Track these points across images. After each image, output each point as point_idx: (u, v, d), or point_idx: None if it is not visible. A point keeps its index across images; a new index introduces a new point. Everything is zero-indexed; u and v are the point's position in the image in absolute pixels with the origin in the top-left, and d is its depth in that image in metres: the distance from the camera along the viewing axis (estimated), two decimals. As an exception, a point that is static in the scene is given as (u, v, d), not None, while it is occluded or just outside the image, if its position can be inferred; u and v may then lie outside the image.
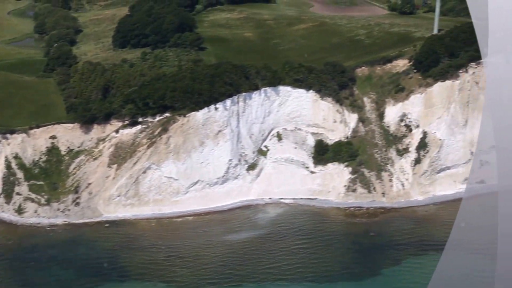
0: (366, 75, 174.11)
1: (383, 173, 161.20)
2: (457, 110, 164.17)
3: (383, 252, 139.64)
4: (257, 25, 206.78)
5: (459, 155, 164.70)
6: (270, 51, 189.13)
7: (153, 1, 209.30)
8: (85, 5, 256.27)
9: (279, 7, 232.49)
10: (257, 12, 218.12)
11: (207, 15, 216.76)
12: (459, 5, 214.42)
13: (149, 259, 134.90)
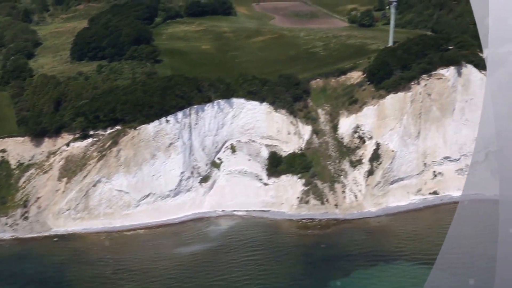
0: (321, 87, 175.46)
1: (336, 184, 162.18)
2: (410, 122, 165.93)
3: (333, 264, 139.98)
4: (216, 38, 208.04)
5: (412, 166, 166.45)
6: (227, 63, 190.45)
7: (112, 14, 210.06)
8: (47, 18, 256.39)
9: (239, 19, 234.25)
10: (216, 25, 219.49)
11: (166, 28, 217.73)
12: (416, 18, 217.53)
13: (97, 273, 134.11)
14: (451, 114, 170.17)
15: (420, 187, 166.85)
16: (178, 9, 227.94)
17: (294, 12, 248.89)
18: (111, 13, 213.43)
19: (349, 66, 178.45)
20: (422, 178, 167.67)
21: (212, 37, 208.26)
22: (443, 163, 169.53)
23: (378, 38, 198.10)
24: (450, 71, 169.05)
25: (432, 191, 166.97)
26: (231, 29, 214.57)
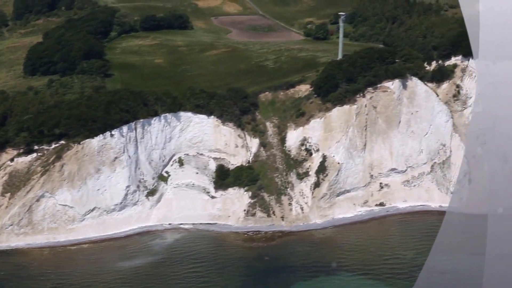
0: (270, 100, 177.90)
1: (283, 197, 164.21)
2: (355, 134, 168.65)
3: (275, 276, 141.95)
4: (169, 52, 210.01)
5: (358, 178, 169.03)
6: (179, 77, 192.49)
7: (66, 29, 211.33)
8: (5, 33, 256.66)
9: (196, 33, 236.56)
10: (171, 39, 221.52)
11: (120, 42, 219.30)
12: (369, 31, 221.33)
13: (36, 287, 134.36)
14: (397, 126, 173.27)
15: (367, 199, 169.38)
16: (133, 24, 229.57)
17: (252, 26, 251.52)
18: (65, 28, 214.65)
19: (298, 79, 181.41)
20: (368, 190, 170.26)
21: (166, 51, 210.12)
22: (389, 175, 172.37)
23: (330, 51, 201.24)
24: (395, 84, 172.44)
25: (379, 202, 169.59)
26: (186, 43, 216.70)
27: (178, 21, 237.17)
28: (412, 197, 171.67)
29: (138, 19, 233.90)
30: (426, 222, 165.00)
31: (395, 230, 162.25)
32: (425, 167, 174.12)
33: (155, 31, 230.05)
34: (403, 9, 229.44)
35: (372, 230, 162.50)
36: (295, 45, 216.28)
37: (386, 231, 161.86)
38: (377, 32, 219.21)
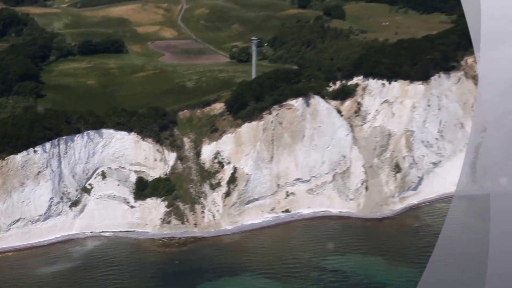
0: (188, 117, 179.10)
1: (197, 205, 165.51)
2: (263, 148, 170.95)
3: (182, 278, 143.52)
4: (102, 74, 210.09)
5: (265, 187, 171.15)
6: (108, 97, 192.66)
7: (7, 53, 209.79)
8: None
9: (130, 57, 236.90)
10: (105, 62, 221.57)
11: (57, 65, 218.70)
12: (286, 54, 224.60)
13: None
14: (301, 140, 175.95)
15: (274, 206, 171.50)
16: (71, 48, 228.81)
17: (184, 50, 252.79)
18: (6, 52, 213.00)
19: (214, 98, 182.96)
20: (275, 198, 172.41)
21: (99, 73, 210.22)
22: (295, 184, 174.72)
23: (248, 72, 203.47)
24: (299, 102, 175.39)
25: (285, 209, 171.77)
26: (118, 66, 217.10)
27: (113, 46, 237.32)
28: (315, 204, 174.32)
29: (76, 44, 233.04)
30: (326, 226, 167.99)
31: (297, 234, 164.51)
32: (327, 177, 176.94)
33: (92, 55, 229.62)
34: (317, 34, 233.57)
35: (277, 234, 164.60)
36: (218, 67, 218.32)
37: (289, 235, 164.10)
38: (292, 55, 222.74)
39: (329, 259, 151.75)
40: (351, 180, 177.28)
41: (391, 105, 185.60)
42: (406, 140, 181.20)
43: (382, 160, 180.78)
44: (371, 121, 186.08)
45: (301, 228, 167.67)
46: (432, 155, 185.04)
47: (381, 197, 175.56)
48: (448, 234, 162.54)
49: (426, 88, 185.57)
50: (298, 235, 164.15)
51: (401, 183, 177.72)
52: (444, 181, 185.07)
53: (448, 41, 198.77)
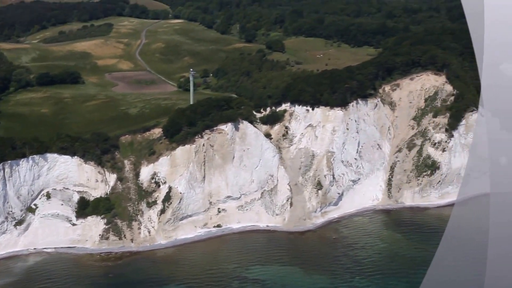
0: (129, 141, 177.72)
1: (134, 222, 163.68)
2: (195, 169, 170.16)
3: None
4: (55, 103, 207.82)
5: (198, 205, 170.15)
6: (59, 124, 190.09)
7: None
8: None
9: (86, 87, 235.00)
10: (60, 92, 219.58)
11: (15, 96, 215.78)
12: (226, 83, 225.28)
13: None
14: (231, 161, 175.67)
15: (206, 222, 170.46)
16: (30, 80, 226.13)
17: (137, 80, 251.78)
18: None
19: (153, 123, 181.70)
20: (208, 214, 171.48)
21: (53, 102, 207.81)
22: (226, 201, 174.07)
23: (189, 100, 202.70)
24: (229, 127, 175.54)
25: (216, 224, 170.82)
26: (72, 95, 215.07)
27: (70, 77, 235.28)
28: (244, 219, 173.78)
29: (35, 75, 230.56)
30: (253, 239, 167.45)
31: (225, 247, 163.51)
32: (256, 194, 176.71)
33: (50, 86, 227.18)
34: (255, 65, 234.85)
35: (207, 247, 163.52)
36: (164, 95, 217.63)
37: (218, 248, 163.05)
38: (232, 84, 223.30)
39: (251, 269, 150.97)
40: (277, 197, 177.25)
41: (315, 129, 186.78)
42: (327, 160, 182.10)
43: (306, 178, 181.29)
44: (297, 143, 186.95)
45: (230, 242, 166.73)
46: (351, 173, 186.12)
47: (304, 212, 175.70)
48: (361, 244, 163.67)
49: (344, 114, 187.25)
50: (226, 248, 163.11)
51: (322, 199, 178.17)
52: (363, 197, 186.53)
53: (366, 71, 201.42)
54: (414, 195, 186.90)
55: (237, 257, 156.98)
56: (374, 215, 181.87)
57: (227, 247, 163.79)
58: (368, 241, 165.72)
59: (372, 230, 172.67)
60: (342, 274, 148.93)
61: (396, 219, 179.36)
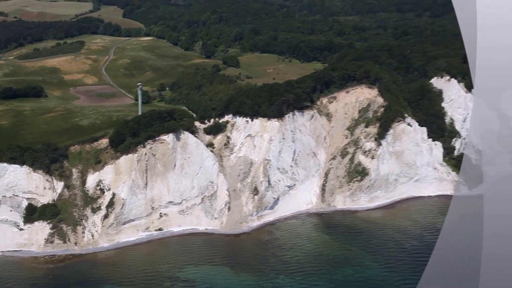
0: (78, 151, 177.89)
1: (78, 227, 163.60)
2: (138, 176, 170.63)
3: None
4: (15, 115, 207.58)
5: (141, 210, 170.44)
6: (15, 135, 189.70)
7: None
8: None
9: (47, 100, 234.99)
10: (21, 105, 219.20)
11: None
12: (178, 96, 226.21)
13: None
14: (173, 169, 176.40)
15: (148, 226, 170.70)
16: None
17: (99, 93, 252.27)
18: None
19: (101, 134, 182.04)
20: (150, 218, 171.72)
21: (13, 115, 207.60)
22: (168, 206, 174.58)
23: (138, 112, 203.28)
24: (170, 137, 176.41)
25: (158, 228, 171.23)
26: (32, 108, 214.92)
27: (32, 91, 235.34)
28: (185, 223, 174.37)
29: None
30: (190, 242, 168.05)
31: (163, 249, 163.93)
32: (196, 199, 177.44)
33: (12, 99, 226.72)
34: (207, 80, 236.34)
35: (147, 250, 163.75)
36: (119, 108, 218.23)
37: (157, 250, 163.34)
38: (183, 97, 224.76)
39: (184, 270, 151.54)
40: (217, 202, 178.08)
41: (253, 139, 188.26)
42: (264, 168, 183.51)
43: (244, 184, 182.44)
44: (237, 152, 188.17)
45: (169, 244, 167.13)
46: (287, 179, 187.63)
47: (241, 215, 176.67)
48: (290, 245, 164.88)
49: (281, 124, 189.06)
50: (165, 249, 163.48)
51: (258, 204, 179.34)
52: (298, 201, 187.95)
53: (305, 85, 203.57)
54: (345, 199, 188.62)
55: (172, 258, 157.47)
56: (307, 218, 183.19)
57: (165, 249, 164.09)
58: (297, 242, 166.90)
59: (302, 232, 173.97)
60: (268, 273, 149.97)
61: (327, 222, 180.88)
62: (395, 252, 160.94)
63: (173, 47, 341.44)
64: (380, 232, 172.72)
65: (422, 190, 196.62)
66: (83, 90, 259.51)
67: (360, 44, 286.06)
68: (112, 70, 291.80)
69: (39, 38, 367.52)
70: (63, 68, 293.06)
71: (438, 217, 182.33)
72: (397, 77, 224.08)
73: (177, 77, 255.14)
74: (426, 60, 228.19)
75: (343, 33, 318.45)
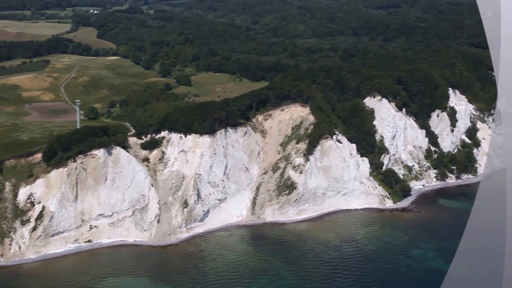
0: (13, 165, 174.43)
1: (6, 239, 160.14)
2: (68, 190, 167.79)
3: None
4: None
5: (70, 222, 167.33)
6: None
7: None
8: None
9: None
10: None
11: None
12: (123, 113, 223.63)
13: None
14: (104, 182, 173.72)
15: (78, 238, 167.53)
16: None
17: (52, 110, 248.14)
18: None
19: (37, 148, 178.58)
20: (80, 230, 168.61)
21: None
22: (98, 219, 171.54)
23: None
24: (101, 152, 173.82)
25: (87, 240, 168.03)
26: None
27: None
28: (115, 235, 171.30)
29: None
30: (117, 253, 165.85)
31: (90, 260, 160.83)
32: (127, 212, 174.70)
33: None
34: (154, 97, 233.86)
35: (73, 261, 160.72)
36: (66, 123, 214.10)
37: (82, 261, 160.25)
38: (127, 114, 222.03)
39: (104, 281, 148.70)
40: (147, 215, 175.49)
41: (186, 154, 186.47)
42: (194, 182, 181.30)
43: (175, 198, 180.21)
44: (170, 167, 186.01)
45: (97, 255, 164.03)
46: (218, 193, 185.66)
47: (170, 227, 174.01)
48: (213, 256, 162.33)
49: (212, 140, 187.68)
50: (90, 261, 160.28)
51: (187, 216, 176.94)
52: (228, 214, 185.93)
53: (240, 102, 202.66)
54: (274, 212, 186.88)
55: (95, 269, 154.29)
56: (236, 230, 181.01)
57: (92, 260, 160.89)
58: (220, 253, 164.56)
59: (228, 243, 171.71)
60: (186, 283, 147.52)
61: (254, 234, 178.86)
62: (312, 263, 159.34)
63: (135, 66, 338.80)
64: (301, 243, 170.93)
65: (350, 203, 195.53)
66: (38, 107, 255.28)
67: (307, 65, 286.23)
68: (71, 88, 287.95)
69: (8, 56, 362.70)
70: (24, 85, 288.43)
71: (360, 229, 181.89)
72: (332, 96, 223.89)
73: (127, 94, 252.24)
74: (361, 80, 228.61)
75: (294, 55, 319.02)
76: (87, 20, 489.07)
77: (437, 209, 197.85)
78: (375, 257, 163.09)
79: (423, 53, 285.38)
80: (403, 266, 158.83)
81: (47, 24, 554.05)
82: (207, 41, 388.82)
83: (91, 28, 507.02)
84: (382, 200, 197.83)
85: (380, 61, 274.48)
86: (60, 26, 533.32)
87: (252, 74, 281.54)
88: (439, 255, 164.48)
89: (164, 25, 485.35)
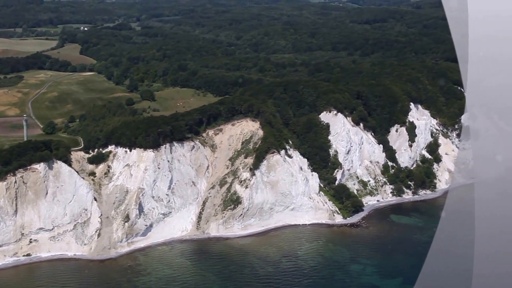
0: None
1: None
2: (7, 203, 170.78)
3: None
4: None
5: (9, 236, 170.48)
6: None
7: None
8: None
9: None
10: None
11: None
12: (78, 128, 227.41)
13: None
14: (45, 196, 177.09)
15: (17, 251, 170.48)
16: None
17: (13, 125, 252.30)
18: None
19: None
20: (19, 244, 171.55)
21: None
22: (38, 233, 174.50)
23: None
24: (42, 166, 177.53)
25: (26, 253, 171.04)
26: None
27: None
28: (55, 248, 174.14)
29: None
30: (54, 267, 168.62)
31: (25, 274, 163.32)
32: (68, 226, 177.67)
33: None
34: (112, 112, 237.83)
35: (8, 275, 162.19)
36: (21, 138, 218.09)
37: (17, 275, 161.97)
38: (81, 129, 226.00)
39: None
40: (88, 229, 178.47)
41: (130, 168, 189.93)
42: (137, 196, 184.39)
43: (118, 212, 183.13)
44: (115, 181, 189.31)
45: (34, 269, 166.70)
46: (162, 207, 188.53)
47: (110, 242, 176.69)
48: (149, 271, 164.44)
49: (156, 155, 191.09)
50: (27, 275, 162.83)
51: (128, 230, 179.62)
52: (173, 228, 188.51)
53: (189, 117, 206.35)
54: (219, 226, 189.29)
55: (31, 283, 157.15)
56: (179, 244, 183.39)
57: (29, 274, 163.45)
58: (157, 267, 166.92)
59: (167, 258, 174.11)
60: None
61: (196, 248, 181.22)
62: (246, 277, 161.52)
63: (106, 81, 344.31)
64: (241, 258, 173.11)
65: (298, 218, 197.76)
66: (1, 121, 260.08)
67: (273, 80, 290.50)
68: (38, 103, 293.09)
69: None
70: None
71: (303, 244, 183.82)
72: (288, 111, 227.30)
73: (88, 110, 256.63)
74: (317, 95, 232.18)
75: (263, 70, 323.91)
76: (74, 37, 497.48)
77: (387, 225, 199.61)
78: (312, 272, 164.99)
79: (389, 68, 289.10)
80: (338, 282, 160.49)
81: (35, 41, 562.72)
82: (183, 56, 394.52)
83: (75, 45, 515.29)
84: (332, 216, 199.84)
85: (344, 75, 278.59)
86: (47, 43, 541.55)
87: (217, 89, 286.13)
88: (376, 271, 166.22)
89: (148, 41, 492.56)
